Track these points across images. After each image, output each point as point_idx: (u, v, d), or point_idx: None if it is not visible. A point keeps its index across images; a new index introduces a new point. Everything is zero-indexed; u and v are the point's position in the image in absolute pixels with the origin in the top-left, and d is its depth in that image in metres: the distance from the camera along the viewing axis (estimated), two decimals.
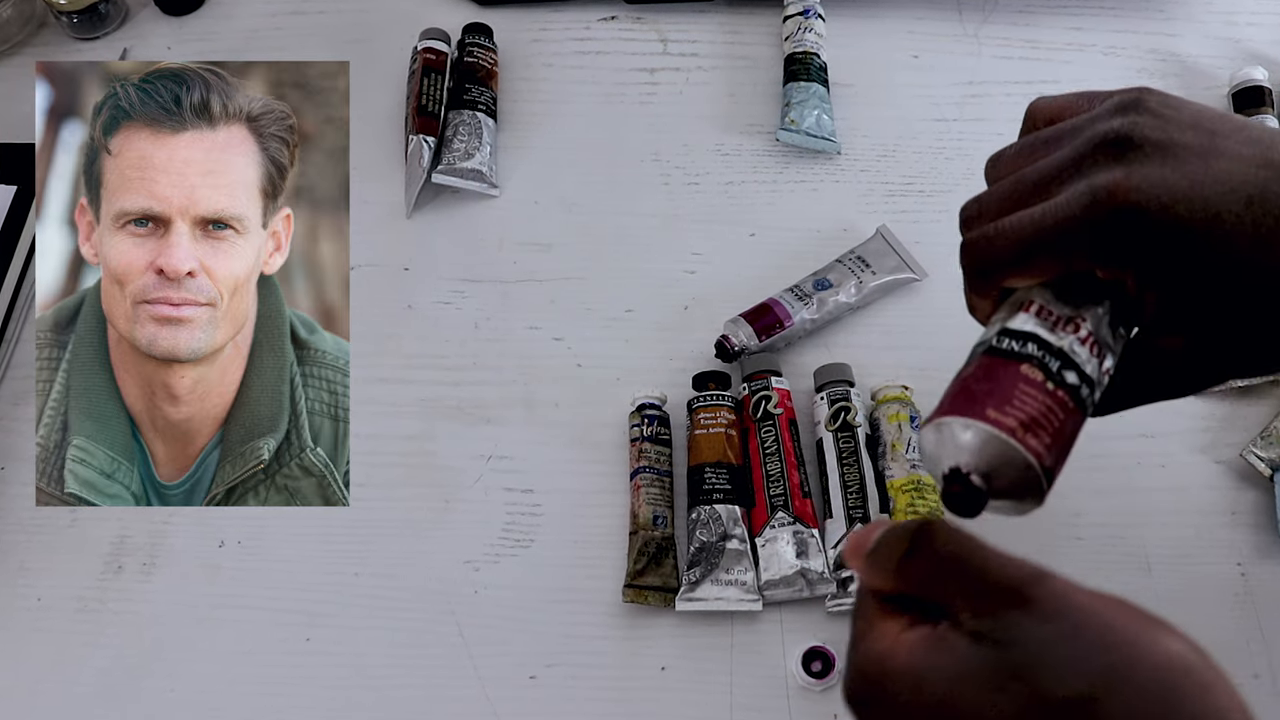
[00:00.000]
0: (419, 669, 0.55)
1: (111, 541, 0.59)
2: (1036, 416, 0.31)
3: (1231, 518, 0.58)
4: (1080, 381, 0.33)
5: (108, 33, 0.80)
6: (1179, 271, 0.33)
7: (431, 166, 0.70)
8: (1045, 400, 0.32)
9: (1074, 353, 0.33)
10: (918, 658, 0.30)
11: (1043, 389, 0.32)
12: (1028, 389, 0.32)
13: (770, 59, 0.77)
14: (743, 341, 0.61)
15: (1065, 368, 0.32)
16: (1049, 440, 0.31)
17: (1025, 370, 0.32)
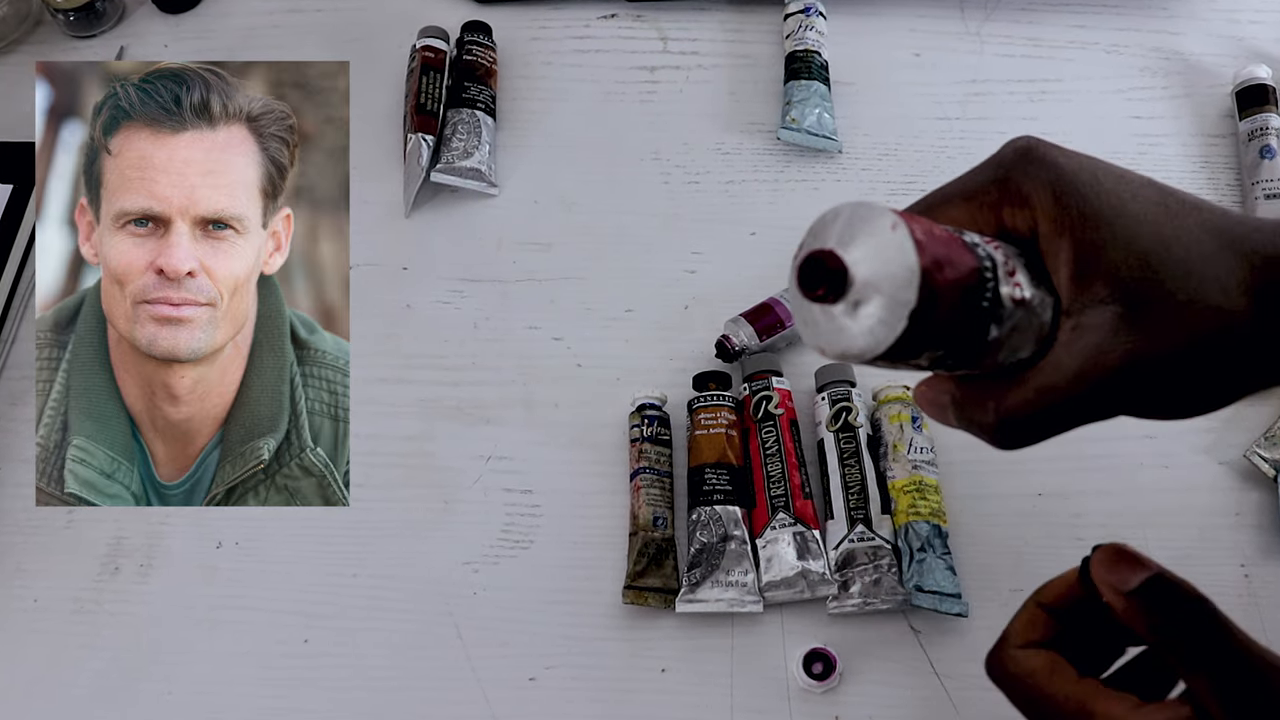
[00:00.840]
0: (418, 670, 0.55)
1: (108, 543, 0.59)
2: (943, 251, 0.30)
3: (1235, 519, 0.58)
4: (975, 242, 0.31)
5: (104, 30, 0.80)
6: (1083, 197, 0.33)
7: (430, 165, 0.70)
8: (935, 226, 0.31)
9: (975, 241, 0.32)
10: None
11: (936, 224, 0.31)
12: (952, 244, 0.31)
13: (771, 57, 0.77)
14: (743, 341, 0.61)
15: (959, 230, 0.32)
16: (929, 231, 0.30)
17: None
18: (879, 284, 0.29)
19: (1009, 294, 0.31)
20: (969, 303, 0.30)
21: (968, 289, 0.30)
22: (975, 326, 0.31)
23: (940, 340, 0.30)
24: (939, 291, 0.29)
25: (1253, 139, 0.70)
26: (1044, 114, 0.74)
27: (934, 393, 0.36)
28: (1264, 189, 0.68)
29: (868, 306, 0.29)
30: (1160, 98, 0.75)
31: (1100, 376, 0.32)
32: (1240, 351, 0.32)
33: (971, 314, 0.30)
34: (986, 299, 0.31)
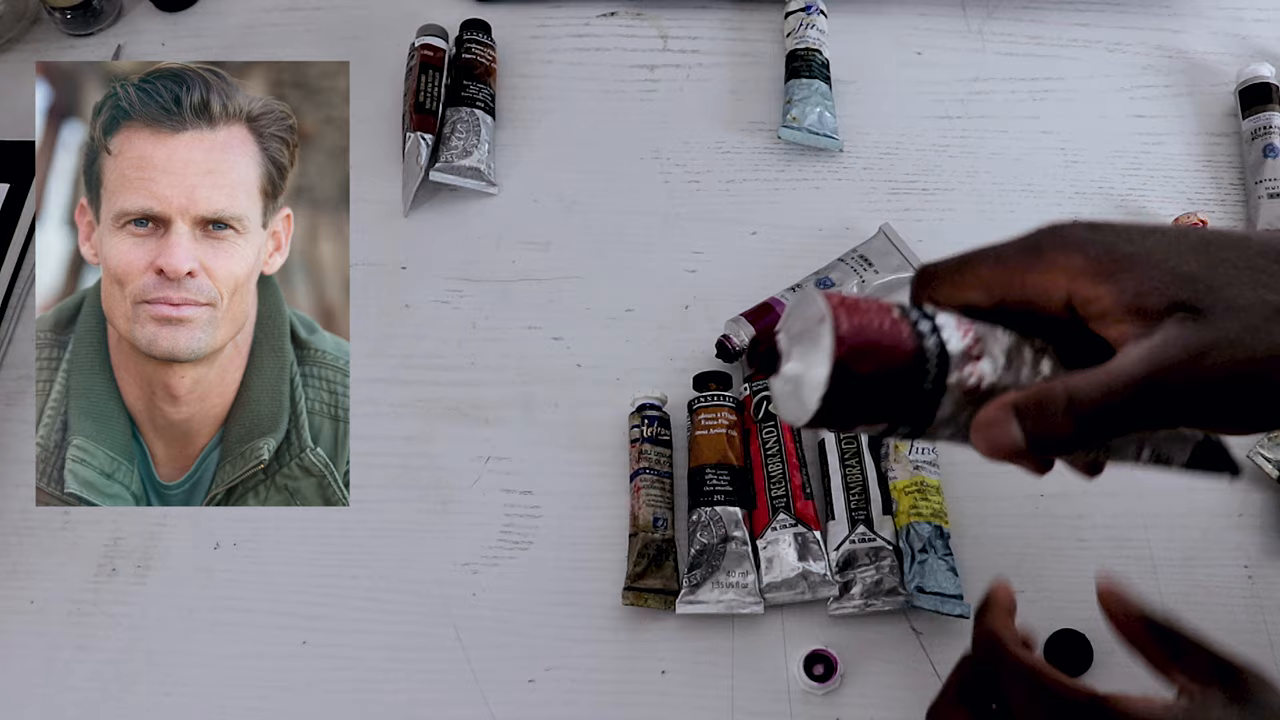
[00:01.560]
0: (416, 672, 0.55)
1: (105, 544, 0.59)
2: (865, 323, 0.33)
3: (1238, 520, 0.58)
4: (930, 331, 0.34)
5: (102, 29, 0.80)
6: (1118, 254, 0.34)
7: (429, 164, 0.70)
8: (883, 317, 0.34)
9: (942, 322, 0.34)
10: None
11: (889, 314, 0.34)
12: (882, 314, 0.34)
13: (772, 55, 0.77)
14: (744, 341, 0.61)
15: (924, 319, 0.34)
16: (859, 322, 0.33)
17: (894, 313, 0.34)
18: (800, 370, 0.33)
19: (959, 380, 0.34)
20: (900, 388, 0.33)
21: (896, 376, 0.33)
22: (916, 407, 0.34)
23: (872, 417, 0.34)
24: (855, 379, 0.32)
25: (1256, 138, 0.70)
26: (1046, 113, 0.74)
27: (996, 413, 0.34)
28: (1267, 188, 0.68)
29: (791, 386, 0.34)
30: (1163, 96, 0.75)
31: (1165, 374, 0.32)
32: None
33: (906, 397, 0.33)
34: (927, 384, 0.33)
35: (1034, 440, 0.33)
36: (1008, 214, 0.70)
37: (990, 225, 0.70)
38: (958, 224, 0.70)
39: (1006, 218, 0.70)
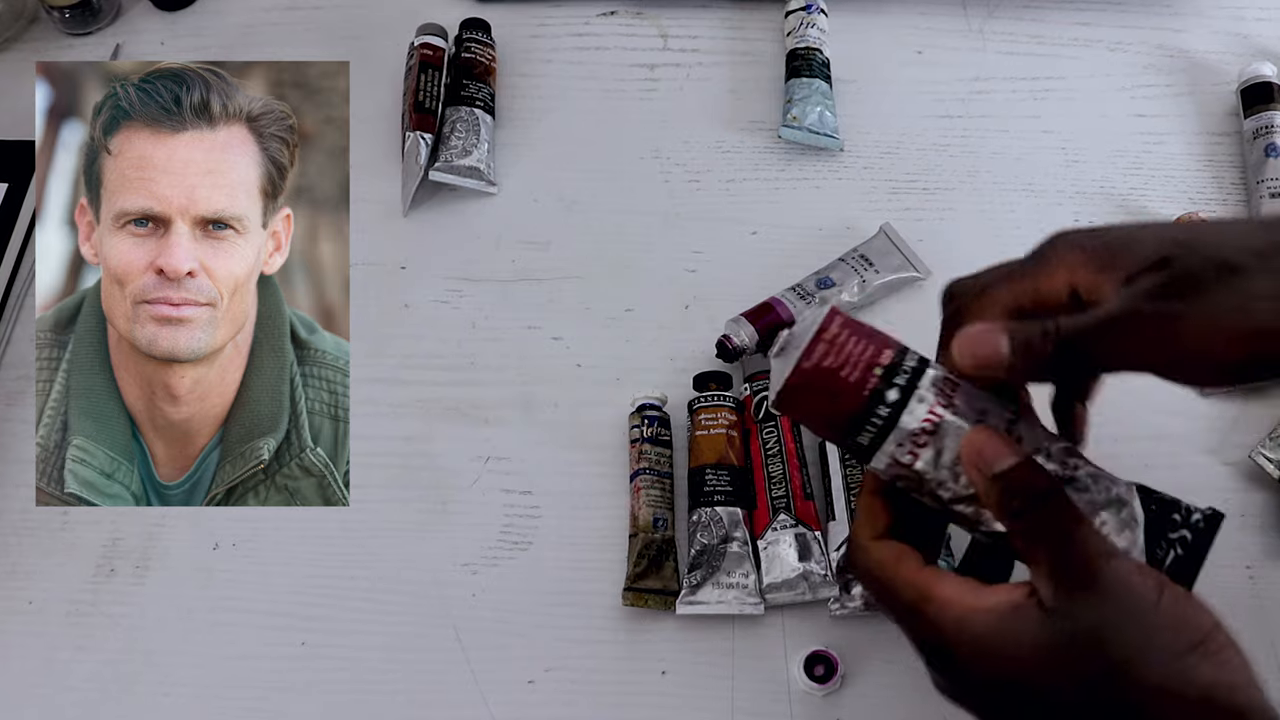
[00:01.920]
0: (416, 673, 0.55)
1: (104, 544, 0.59)
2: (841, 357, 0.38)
3: (1240, 520, 0.58)
4: (896, 400, 0.38)
5: (100, 28, 0.80)
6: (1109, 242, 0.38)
7: (429, 164, 0.70)
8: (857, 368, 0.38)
9: (922, 393, 0.38)
10: (1003, 630, 0.35)
11: (871, 368, 0.39)
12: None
13: (772, 55, 0.77)
14: (744, 341, 0.61)
15: (897, 388, 0.38)
16: (827, 364, 0.38)
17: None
18: (777, 370, 0.40)
19: (893, 451, 0.38)
20: (835, 430, 0.39)
21: (832, 420, 0.39)
22: (851, 448, 0.39)
23: (818, 432, 0.41)
24: (798, 404, 0.39)
25: (1258, 137, 0.70)
26: (1047, 112, 0.74)
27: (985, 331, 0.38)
28: (1269, 187, 0.68)
29: (774, 375, 0.40)
30: (1164, 95, 0.75)
31: (1140, 313, 0.35)
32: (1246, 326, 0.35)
33: (841, 438, 0.39)
34: (861, 439, 0.39)
35: (1017, 356, 0.37)
36: (1008, 214, 0.70)
37: (991, 225, 0.70)
38: (958, 223, 0.70)
39: (1007, 217, 0.70)
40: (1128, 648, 0.33)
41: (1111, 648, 0.33)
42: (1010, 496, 0.36)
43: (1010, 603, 0.35)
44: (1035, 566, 0.36)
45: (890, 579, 0.38)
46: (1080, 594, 0.34)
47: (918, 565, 0.38)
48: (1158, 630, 0.33)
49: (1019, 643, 0.35)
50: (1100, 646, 0.33)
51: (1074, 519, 0.35)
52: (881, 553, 0.39)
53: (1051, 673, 0.34)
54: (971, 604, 0.36)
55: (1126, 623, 0.33)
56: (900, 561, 0.38)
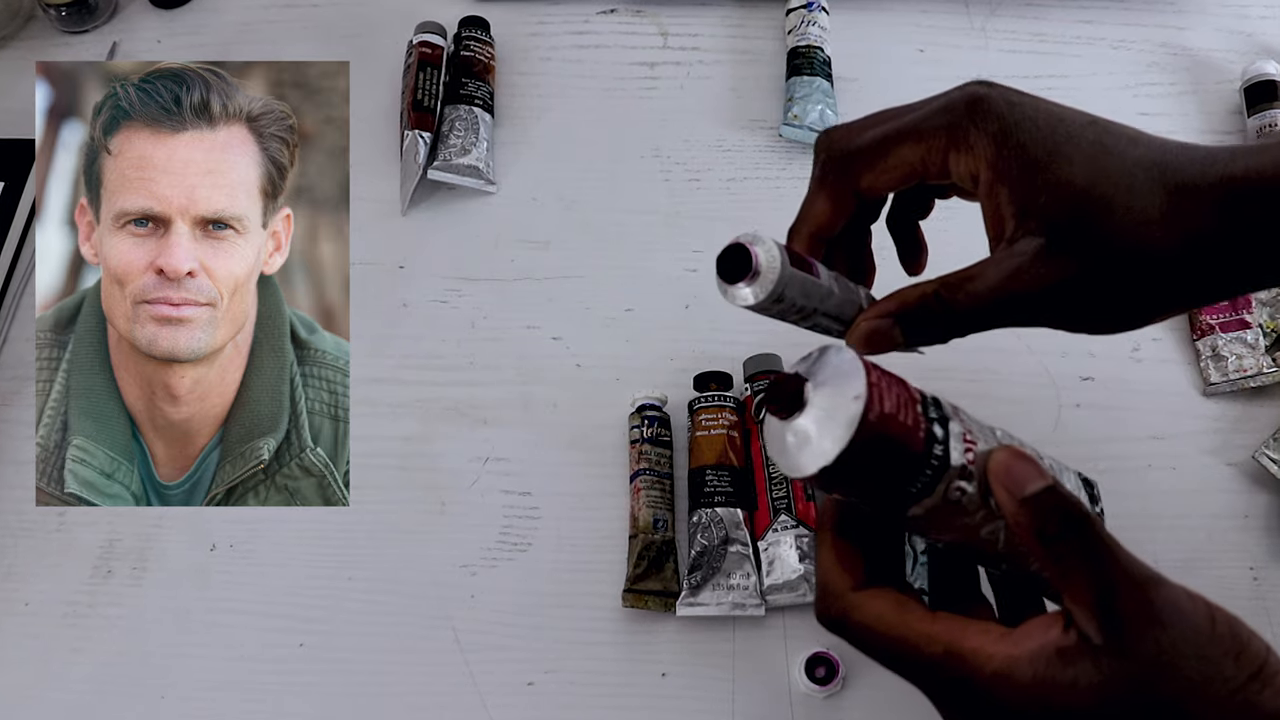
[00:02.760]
0: (414, 675, 0.55)
1: (100, 545, 0.59)
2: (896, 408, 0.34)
3: (1244, 521, 0.58)
4: (942, 438, 0.34)
5: (97, 26, 0.80)
6: (1020, 146, 0.37)
7: (427, 163, 0.70)
8: (909, 409, 0.34)
9: (953, 428, 0.35)
10: (1053, 676, 0.32)
11: (914, 406, 0.34)
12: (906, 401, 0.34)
13: (773, 53, 0.77)
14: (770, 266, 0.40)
15: (939, 423, 0.35)
16: (888, 409, 0.33)
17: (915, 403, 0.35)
18: (811, 431, 0.33)
19: (944, 490, 0.34)
20: (893, 482, 0.34)
21: (894, 471, 0.34)
22: (895, 501, 0.34)
23: (853, 492, 0.35)
24: (860, 462, 0.33)
25: (1261, 135, 0.70)
26: None
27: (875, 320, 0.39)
28: None
29: (795, 438, 0.34)
30: (1167, 94, 0.75)
31: (1020, 285, 0.37)
32: (1153, 278, 0.36)
33: (893, 491, 0.34)
34: (915, 487, 0.34)
35: (912, 338, 0.39)
36: None
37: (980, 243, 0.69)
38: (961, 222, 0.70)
39: None
40: (1188, 683, 0.31)
41: (1172, 685, 0.31)
42: (1043, 521, 0.33)
43: (1055, 646, 0.32)
44: (1074, 598, 0.32)
45: (900, 636, 0.34)
46: (1132, 629, 0.31)
47: (925, 614, 0.34)
48: (1216, 661, 0.31)
49: (1073, 689, 0.31)
50: (1160, 685, 0.31)
51: (1110, 544, 0.33)
52: (876, 605, 0.35)
53: (1111, 718, 0.31)
54: (1010, 652, 0.32)
55: (1184, 656, 0.31)
56: (904, 612, 0.34)
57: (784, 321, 0.39)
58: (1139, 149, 0.37)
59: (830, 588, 0.36)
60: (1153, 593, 0.32)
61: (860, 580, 0.36)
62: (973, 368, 0.63)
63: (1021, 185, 0.37)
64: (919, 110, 0.39)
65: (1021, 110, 0.38)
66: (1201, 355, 0.63)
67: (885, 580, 0.36)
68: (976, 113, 0.38)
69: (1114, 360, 0.64)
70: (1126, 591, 0.32)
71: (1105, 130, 0.38)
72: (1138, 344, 0.64)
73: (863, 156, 0.40)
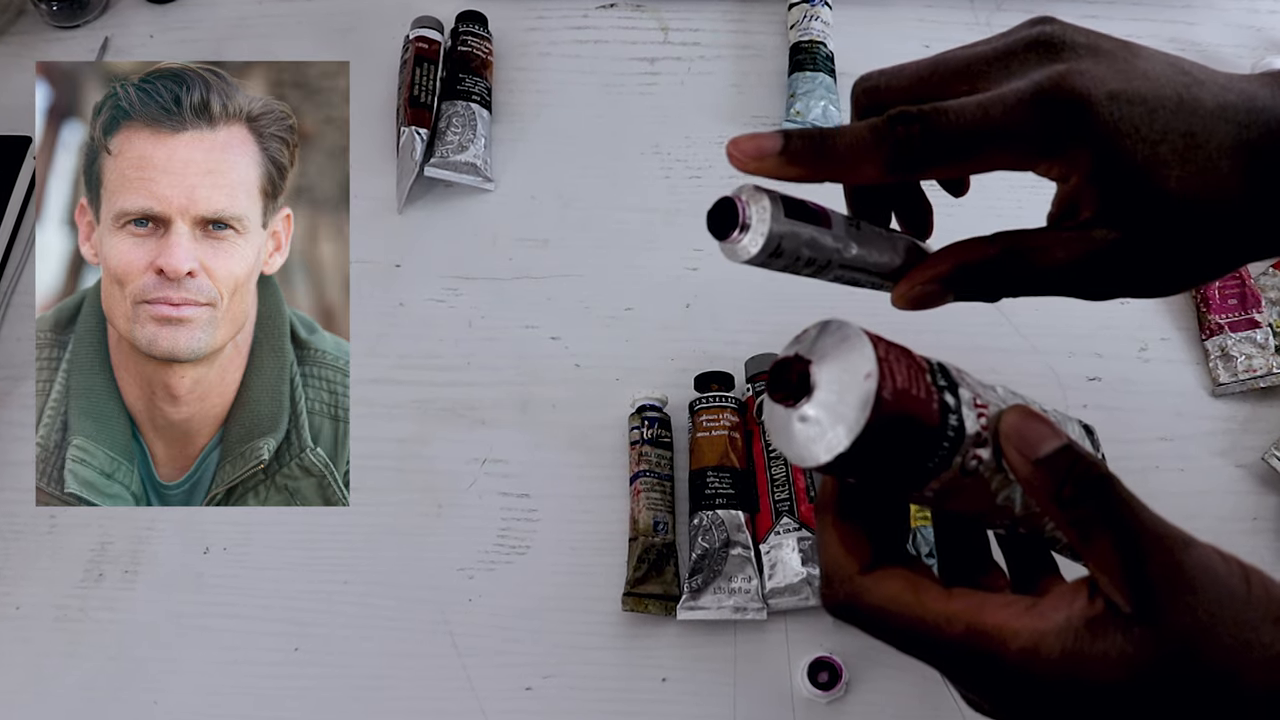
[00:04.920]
0: (411, 680, 0.55)
1: (92, 548, 0.59)
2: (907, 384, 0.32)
3: (1253, 523, 0.59)
4: (954, 406, 0.33)
5: (88, 21, 0.81)
6: (1120, 162, 0.35)
7: (424, 160, 0.70)
8: (919, 382, 0.32)
9: (963, 395, 0.33)
10: (1083, 649, 0.31)
11: (924, 378, 0.33)
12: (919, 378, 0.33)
13: (775, 48, 0.78)
14: (760, 218, 0.39)
15: (949, 390, 0.33)
16: (901, 384, 0.32)
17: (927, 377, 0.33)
18: (821, 417, 0.32)
19: (960, 462, 0.33)
20: (911, 459, 0.32)
21: (912, 448, 0.32)
22: (913, 478, 0.33)
23: (869, 477, 0.33)
24: (879, 444, 0.31)
25: None
26: None
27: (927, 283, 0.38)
28: None
29: (803, 426, 0.32)
30: None
31: (1081, 275, 0.36)
32: (1226, 255, 0.36)
33: (910, 469, 0.32)
34: (932, 462, 0.32)
35: (969, 292, 0.37)
36: (1015, 210, 0.70)
37: (998, 222, 0.69)
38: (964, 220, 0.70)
39: (1014, 214, 0.70)
40: (1226, 650, 0.30)
41: (1208, 653, 0.30)
42: (1059, 483, 0.32)
43: (1082, 617, 0.31)
44: (1099, 565, 0.31)
45: (917, 616, 0.33)
46: (1163, 595, 0.30)
47: (941, 591, 0.33)
48: (1254, 626, 0.30)
49: (1104, 662, 0.30)
50: (1196, 653, 0.30)
51: (1133, 504, 0.31)
52: (888, 587, 0.34)
53: (1146, 692, 0.30)
54: (1037, 626, 0.31)
55: (1220, 622, 0.30)
56: (920, 591, 0.33)
57: (806, 276, 0.38)
58: (1224, 123, 0.35)
59: (836, 572, 0.35)
60: (1182, 555, 0.30)
61: (867, 562, 0.34)
62: (977, 368, 0.63)
63: (1114, 189, 0.35)
64: (995, 87, 0.36)
65: (1121, 107, 0.35)
66: (1210, 355, 0.63)
67: (893, 559, 0.35)
68: (1076, 119, 0.35)
69: (1121, 360, 0.64)
70: (1154, 556, 0.30)
71: (1193, 112, 0.35)
72: (1145, 344, 0.65)
73: (946, 144, 0.36)
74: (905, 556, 0.35)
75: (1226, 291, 0.64)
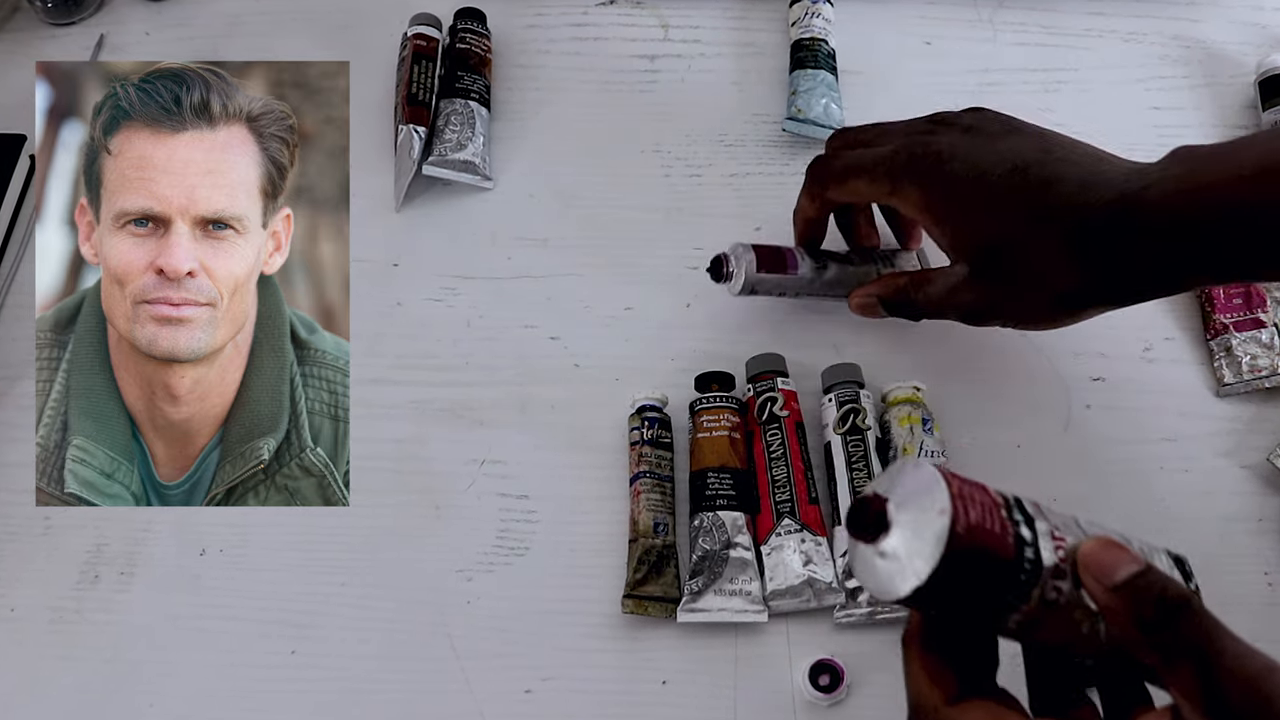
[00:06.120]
0: (409, 683, 0.55)
1: (88, 549, 0.60)
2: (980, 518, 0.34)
3: (1258, 525, 0.59)
4: (1030, 540, 0.35)
5: (83, 18, 0.81)
6: (947, 204, 0.52)
7: (422, 158, 0.70)
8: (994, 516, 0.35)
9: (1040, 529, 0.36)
10: None
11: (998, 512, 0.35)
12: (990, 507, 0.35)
13: (776, 45, 0.78)
14: (741, 268, 0.59)
15: (1025, 524, 0.35)
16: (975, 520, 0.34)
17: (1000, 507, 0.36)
18: (899, 550, 0.34)
19: (1040, 594, 0.35)
20: (989, 592, 0.34)
21: (990, 580, 0.34)
22: (992, 610, 0.35)
23: (950, 609, 0.35)
24: (956, 578, 0.34)
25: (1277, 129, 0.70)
26: (1059, 104, 0.75)
27: (863, 298, 0.58)
28: None
29: (883, 561, 0.35)
30: (1180, 87, 0.76)
31: (954, 302, 0.54)
32: (1058, 297, 0.51)
33: (990, 601, 0.35)
34: (1011, 596, 0.35)
35: (891, 314, 0.57)
36: None
37: None
38: None
39: None
40: None
41: None
42: (1140, 606, 0.33)
43: None
44: (1181, 691, 0.32)
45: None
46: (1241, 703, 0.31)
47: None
48: None
49: None
50: None
51: (1214, 629, 0.32)
52: (975, 715, 0.35)
53: None
54: None
55: None
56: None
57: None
58: (1050, 193, 0.49)
59: (923, 704, 0.36)
60: (1265, 684, 0.31)
61: (954, 694, 0.35)
62: (981, 368, 0.63)
63: (949, 226, 0.52)
64: (887, 144, 0.55)
65: (953, 164, 0.52)
66: (1215, 355, 0.63)
67: (980, 691, 0.35)
68: (911, 168, 0.53)
69: (1125, 361, 0.64)
70: (1236, 683, 0.31)
71: (1026, 172, 0.50)
72: (1150, 344, 0.65)
73: (833, 176, 0.57)
74: (994, 689, 0.36)
75: (1231, 291, 0.64)
